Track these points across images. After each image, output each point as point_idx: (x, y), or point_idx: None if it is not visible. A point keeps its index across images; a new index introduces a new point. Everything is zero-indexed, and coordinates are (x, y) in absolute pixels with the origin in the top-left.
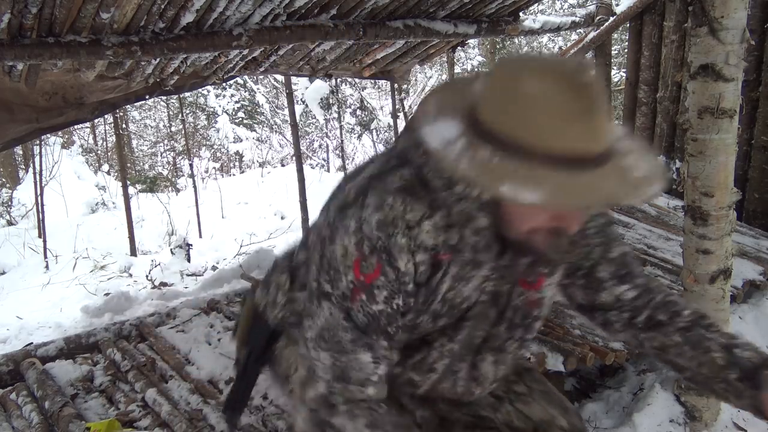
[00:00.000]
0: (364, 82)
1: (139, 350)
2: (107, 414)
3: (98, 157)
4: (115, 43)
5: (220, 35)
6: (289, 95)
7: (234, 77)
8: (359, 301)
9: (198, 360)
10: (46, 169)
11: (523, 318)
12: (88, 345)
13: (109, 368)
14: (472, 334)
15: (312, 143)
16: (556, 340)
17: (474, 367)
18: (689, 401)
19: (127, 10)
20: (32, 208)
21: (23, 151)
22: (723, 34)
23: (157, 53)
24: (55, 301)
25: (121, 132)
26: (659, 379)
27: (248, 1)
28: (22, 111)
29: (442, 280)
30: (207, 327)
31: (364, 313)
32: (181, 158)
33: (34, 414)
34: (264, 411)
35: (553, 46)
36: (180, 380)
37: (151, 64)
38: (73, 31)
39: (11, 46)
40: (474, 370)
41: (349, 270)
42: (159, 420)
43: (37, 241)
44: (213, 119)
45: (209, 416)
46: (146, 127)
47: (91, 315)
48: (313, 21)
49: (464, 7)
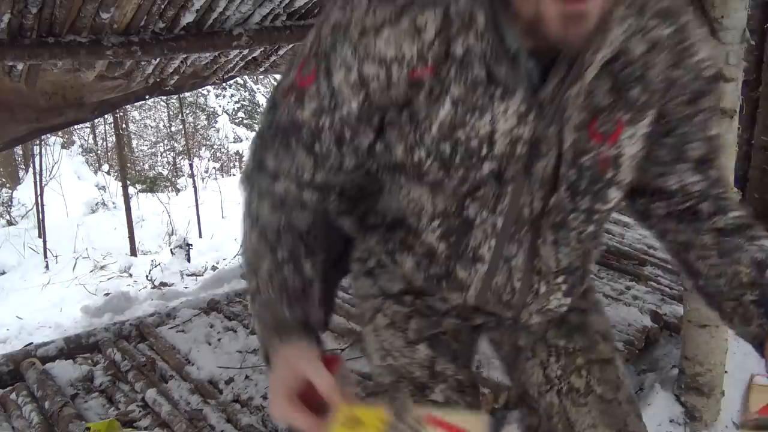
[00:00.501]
0: None
1: (139, 350)
2: (107, 414)
3: (98, 157)
4: (115, 43)
5: (220, 35)
6: None
7: (234, 77)
8: (288, 101)
9: (198, 360)
10: (46, 169)
11: (590, 182)
12: (88, 345)
13: (109, 368)
14: (519, 202)
15: None
16: None
17: (533, 252)
18: (689, 401)
19: (127, 10)
20: (32, 208)
21: (23, 151)
22: (723, 34)
23: (157, 53)
24: (55, 301)
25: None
26: (659, 379)
27: (248, 1)
28: (22, 111)
29: (435, 103)
30: (207, 327)
31: (288, 115)
32: (181, 158)
33: (34, 414)
34: (264, 411)
35: None
36: (180, 380)
37: (151, 64)
38: (73, 31)
39: (11, 46)
40: (534, 256)
41: (294, 67)
42: (159, 420)
43: (37, 241)
44: (213, 119)
45: (209, 416)
46: (146, 127)
47: (91, 315)
48: (313, 21)
49: None
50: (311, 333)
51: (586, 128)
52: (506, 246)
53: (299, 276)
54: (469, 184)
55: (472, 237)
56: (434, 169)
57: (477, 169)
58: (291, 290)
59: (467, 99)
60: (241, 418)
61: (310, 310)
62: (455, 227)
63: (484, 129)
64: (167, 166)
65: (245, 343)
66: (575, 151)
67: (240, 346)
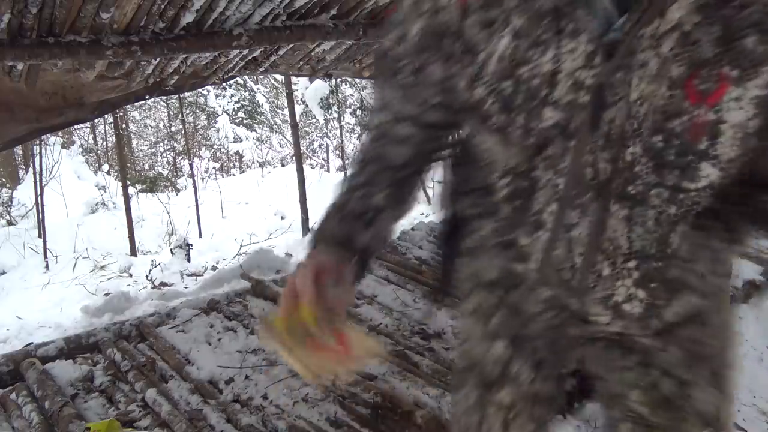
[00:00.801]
0: (364, 82)
1: (139, 350)
2: (107, 414)
3: (98, 157)
4: (115, 43)
5: (220, 35)
6: (289, 95)
7: (234, 77)
8: (384, 33)
9: (198, 360)
10: (46, 169)
11: (680, 152)
12: (88, 345)
13: (109, 368)
14: (581, 160)
15: (312, 143)
16: None
17: (599, 226)
18: None
19: (127, 10)
20: (32, 208)
21: (23, 151)
22: None
23: (157, 53)
24: (55, 301)
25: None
26: None
27: (248, 1)
28: (22, 111)
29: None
30: (207, 327)
31: (382, 47)
32: (181, 158)
33: (34, 414)
34: (264, 411)
35: None
36: (180, 380)
37: (151, 64)
38: (73, 31)
39: (11, 46)
40: (600, 230)
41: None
42: (159, 420)
43: (37, 241)
44: (213, 119)
45: (209, 416)
46: (146, 127)
47: (91, 315)
48: (313, 21)
49: None
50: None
51: (682, 85)
52: (567, 212)
53: (365, 202)
54: (535, 137)
55: (535, 200)
56: (496, 111)
57: (538, 115)
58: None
59: (531, 32)
60: (241, 418)
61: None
62: (522, 189)
63: (546, 67)
64: (167, 166)
65: (245, 343)
66: (665, 112)
67: (240, 346)
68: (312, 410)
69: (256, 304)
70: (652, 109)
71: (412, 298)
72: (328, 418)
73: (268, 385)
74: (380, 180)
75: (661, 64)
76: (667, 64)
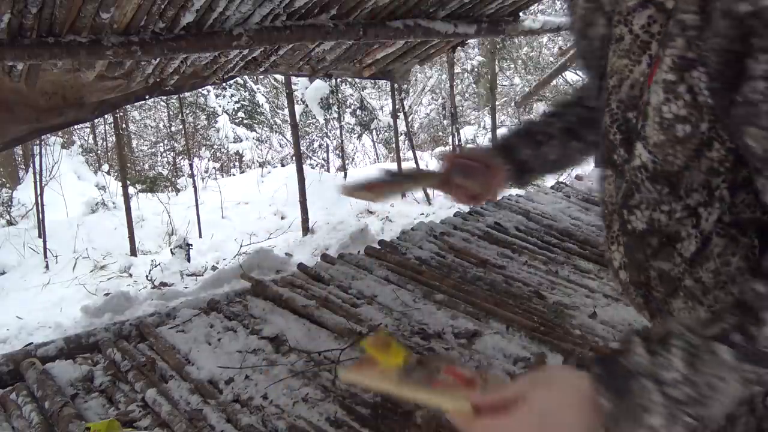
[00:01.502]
0: (364, 82)
1: (139, 350)
2: (107, 414)
3: (98, 157)
4: (115, 43)
5: (220, 35)
6: (289, 95)
7: (234, 77)
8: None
9: (198, 360)
10: (46, 169)
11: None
12: (88, 345)
13: (109, 368)
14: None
15: (312, 143)
16: (556, 340)
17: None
18: None
19: (127, 10)
20: (32, 208)
21: (23, 151)
22: None
23: (157, 53)
24: (55, 301)
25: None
26: None
27: (248, 1)
28: (22, 111)
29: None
30: (207, 327)
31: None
32: (181, 158)
33: (34, 414)
34: (264, 411)
35: (553, 46)
36: (180, 380)
37: (151, 64)
38: (73, 31)
39: (11, 46)
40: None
41: None
42: (159, 420)
43: (37, 241)
44: (213, 119)
45: (209, 416)
46: (146, 127)
47: (91, 315)
48: (313, 21)
49: (464, 7)
50: (505, 157)
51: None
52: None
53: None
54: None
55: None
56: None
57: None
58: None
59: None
60: (241, 418)
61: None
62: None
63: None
64: (167, 166)
65: (245, 343)
66: (633, 84)
67: (240, 346)
68: (312, 410)
69: (256, 304)
70: (620, 83)
71: (412, 298)
72: (328, 418)
73: (268, 385)
74: (568, 114)
75: (632, 40)
76: (638, 41)
